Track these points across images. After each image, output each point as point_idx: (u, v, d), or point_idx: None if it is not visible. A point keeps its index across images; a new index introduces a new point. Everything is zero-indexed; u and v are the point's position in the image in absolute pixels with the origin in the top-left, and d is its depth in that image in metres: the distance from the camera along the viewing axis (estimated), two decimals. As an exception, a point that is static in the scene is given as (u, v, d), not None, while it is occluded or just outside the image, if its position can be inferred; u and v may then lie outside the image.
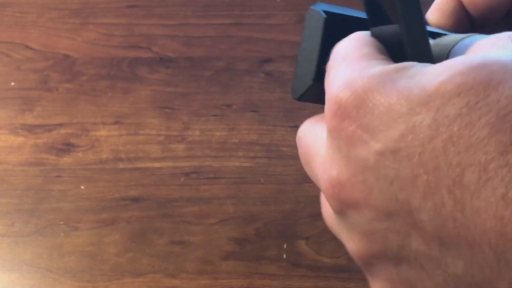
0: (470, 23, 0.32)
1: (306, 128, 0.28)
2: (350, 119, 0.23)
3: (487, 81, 0.21)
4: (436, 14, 0.32)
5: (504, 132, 0.21)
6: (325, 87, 0.26)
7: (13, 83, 0.76)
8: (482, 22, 0.32)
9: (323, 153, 0.25)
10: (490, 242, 0.21)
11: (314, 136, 0.27)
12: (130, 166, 0.70)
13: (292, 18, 0.79)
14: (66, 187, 0.69)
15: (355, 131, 0.23)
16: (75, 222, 0.67)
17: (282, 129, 0.72)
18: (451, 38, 0.27)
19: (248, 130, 0.72)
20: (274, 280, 0.64)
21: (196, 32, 0.78)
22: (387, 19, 0.26)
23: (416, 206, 0.22)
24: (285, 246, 0.65)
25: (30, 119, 0.73)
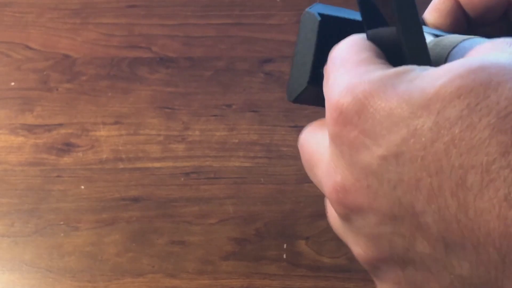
0: (467, 23, 0.33)
1: (308, 134, 0.28)
2: (352, 125, 0.24)
3: (487, 83, 0.21)
4: (433, 14, 0.32)
5: (505, 133, 0.21)
6: (324, 92, 0.26)
7: (13, 83, 0.76)
8: (479, 22, 0.32)
9: (326, 159, 0.25)
10: (494, 243, 0.21)
11: (316, 143, 0.27)
12: (130, 166, 0.70)
13: (292, 18, 0.79)
14: (66, 187, 0.69)
15: (357, 137, 0.23)
16: (75, 222, 0.67)
17: (282, 129, 0.72)
18: (450, 40, 0.27)
19: (248, 130, 0.72)
20: (274, 280, 0.63)
21: (196, 32, 0.78)
22: (383, 22, 0.26)
23: (420, 209, 0.22)
24: (285, 246, 0.65)
25: (30, 119, 0.73)
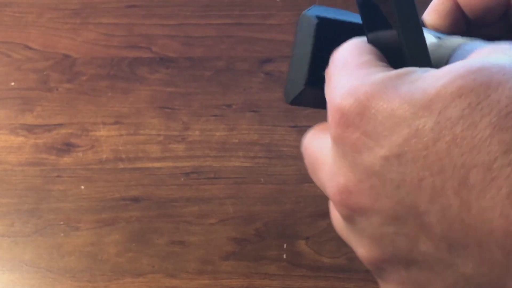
0: (466, 24, 0.33)
1: (311, 137, 0.29)
2: (354, 127, 0.24)
3: (487, 82, 0.22)
4: (432, 15, 0.32)
5: (506, 132, 0.21)
6: (325, 94, 0.26)
7: (13, 83, 0.76)
8: (478, 23, 0.32)
9: (329, 161, 0.26)
10: (497, 241, 0.21)
11: (319, 146, 0.27)
12: (130, 166, 0.70)
13: (292, 18, 0.79)
14: (66, 187, 0.69)
15: (359, 138, 0.24)
16: (75, 222, 0.67)
17: (282, 129, 0.72)
18: (452, 42, 0.27)
19: (248, 130, 0.72)
20: (274, 280, 0.64)
21: (196, 32, 0.78)
22: (383, 25, 0.26)
23: (423, 209, 0.22)
24: (285, 246, 0.65)
25: (30, 119, 0.73)
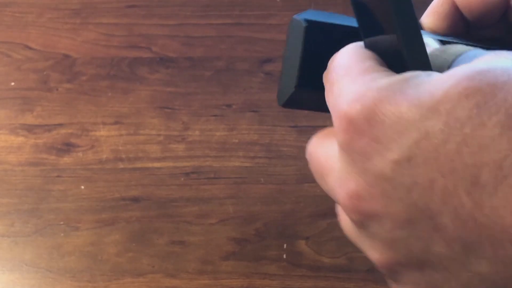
0: (466, 26, 0.33)
1: (315, 144, 0.28)
2: (362, 133, 0.24)
3: (493, 82, 0.22)
4: (431, 18, 0.32)
5: None
6: (328, 102, 0.26)
7: (13, 83, 0.76)
8: (477, 25, 0.32)
9: (337, 167, 0.26)
10: (511, 239, 0.21)
11: (325, 152, 0.27)
12: (130, 166, 0.70)
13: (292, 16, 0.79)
14: (66, 187, 0.69)
15: (368, 144, 0.24)
16: (75, 222, 0.67)
17: (282, 129, 0.72)
18: (457, 49, 0.27)
19: (248, 130, 0.72)
20: (274, 280, 0.64)
21: (196, 32, 0.78)
22: (380, 29, 0.26)
23: (436, 211, 0.22)
24: (285, 246, 0.65)
25: (30, 119, 0.73)
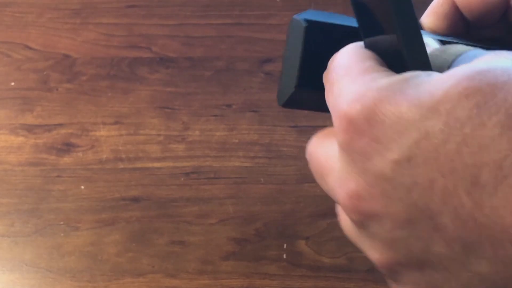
0: (465, 26, 0.33)
1: (315, 144, 0.28)
2: (362, 133, 0.24)
3: (493, 82, 0.22)
4: (431, 17, 0.32)
5: None
6: (328, 102, 0.26)
7: (13, 83, 0.76)
8: (477, 25, 0.32)
9: (337, 167, 0.26)
10: (511, 239, 0.21)
11: (325, 152, 0.27)
12: (130, 166, 0.70)
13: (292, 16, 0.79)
14: (66, 187, 0.69)
15: (368, 144, 0.24)
16: (75, 222, 0.67)
17: (282, 129, 0.72)
18: (457, 49, 0.27)
19: (248, 130, 0.72)
20: (274, 280, 0.64)
21: (196, 32, 0.78)
22: (380, 29, 0.26)
23: (436, 211, 0.22)
24: (285, 246, 0.65)
25: (30, 119, 0.73)
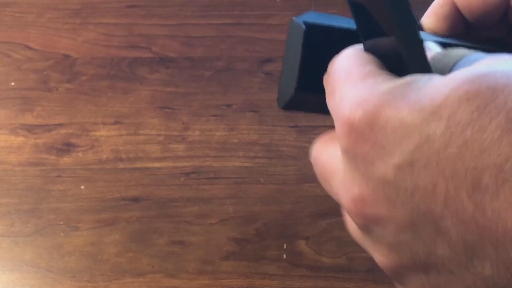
0: (466, 27, 0.33)
1: (320, 148, 0.29)
2: (364, 138, 0.24)
3: (493, 86, 0.22)
4: (431, 18, 0.32)
5: None
6: (329, 106, 0.26)
7: (13, 83, 0.76)
8: (478, 26, 0.32)
9: (341, 171, 0.26)
10: None
11: (329, 156, 0.28)
12: (130, 166, 0.70)
13: (292, 18, 0.79)
14: (66, 187, 0.69)
15: (370, 149, 0.24)
16: (75, 222, 0.67)
17: (282, 129, 0.72)
18: (458, 52, 0.27)
19: (248, 130, 0.72)
20: (274, 280, 0.64)
21: (196, 32, 0.78)
22: (379, 32, 0.26)
23: (438, 214, 0.23)
24: (285, 246, 0.65)
25: (30, 119, 0.73)
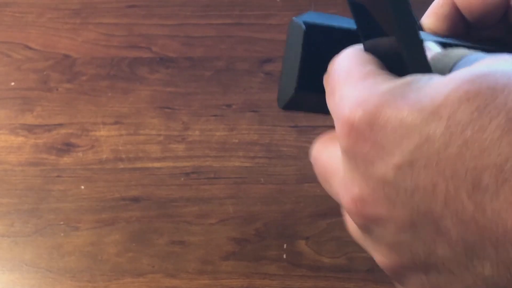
0: (466, 27, 0.33)
1: (320, 147, 0.29)
2: (364, 138, 0.24)
3: (493, 86, 0.22)
4: (431, 18, 0.32)
5: None
6: (329, 107, 0.26)
7: (13, 83, 0.76)
8: (478, 26, 0.32)
9: (341, 171, 0.26)
10: None
11: (329, 156, 0.27)
12: (130, 166, 0.70)
13: (292, 18, 0.79)
14: (66, 187, 0.69)
15: (370, 149, 0.24)
16: (75, 222, 0.67)
17: (282, 129, 0.72)
18: (458, 52, 0.27)
19: (248, 130, 0.72)
20: (274, 280, 0.64)
21: (196, 32, 0.78)
22: (379, 32, 0.26)
23: (438, 214, 0.23)
24: (285, 246, 0.65)
25: (30, 119, 0.73)
